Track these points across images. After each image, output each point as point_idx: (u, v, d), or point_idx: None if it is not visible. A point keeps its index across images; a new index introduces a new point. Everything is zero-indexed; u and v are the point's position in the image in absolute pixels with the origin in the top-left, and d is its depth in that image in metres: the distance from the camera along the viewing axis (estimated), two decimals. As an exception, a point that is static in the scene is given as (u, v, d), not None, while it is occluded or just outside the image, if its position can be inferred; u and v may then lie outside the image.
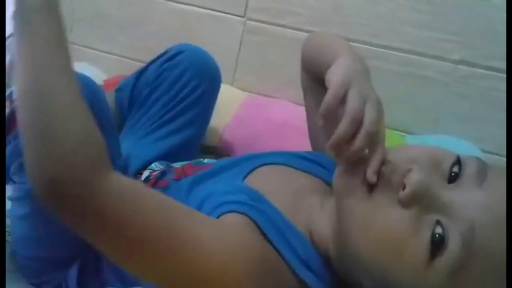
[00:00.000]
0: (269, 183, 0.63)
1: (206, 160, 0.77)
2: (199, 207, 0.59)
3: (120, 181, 0.46)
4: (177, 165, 0.77)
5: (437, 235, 0.45)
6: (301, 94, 1.19)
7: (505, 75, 1.06)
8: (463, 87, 1.10)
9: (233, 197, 0.59)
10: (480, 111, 1.10)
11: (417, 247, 0.45)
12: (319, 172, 0.68)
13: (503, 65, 1.06)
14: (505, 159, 1.08)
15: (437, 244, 0.44)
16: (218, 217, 0.56)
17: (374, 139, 0.51)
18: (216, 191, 0.60)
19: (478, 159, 0.49)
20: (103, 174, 0.45)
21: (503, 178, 0.47)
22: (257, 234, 0.54)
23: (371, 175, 0.49)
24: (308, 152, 0.74)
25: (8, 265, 0.74)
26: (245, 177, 0.65)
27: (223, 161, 0.74)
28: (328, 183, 0.65)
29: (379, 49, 1.14)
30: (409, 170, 0.48)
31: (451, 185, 0.48)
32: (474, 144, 1.05)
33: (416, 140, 1.07)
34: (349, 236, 0.51)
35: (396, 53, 1.13)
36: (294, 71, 1.20)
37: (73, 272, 0.70)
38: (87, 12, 1.36)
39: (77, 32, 1.39)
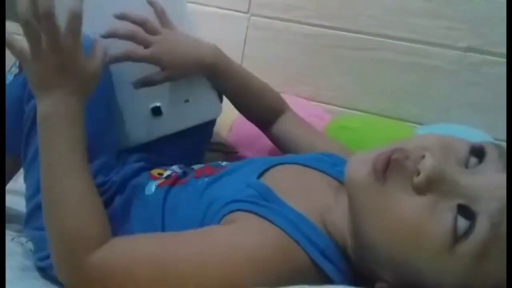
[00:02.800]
0: (283, 180, 0.63)
1: (224, 163, 0.77)
2: (209, 206, 0.61)
3: (101, 262, 0.54)
4: (197, 167, 0.79)
5: (459, 219, 0.44)
6: (309, 88, 1.19)
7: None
8: (473, 75, 1.08)
9: (241, 196, 0.59)
10: (491, 99, 1.08)
11: (437, 233, 0.44)
12: (332, 170, 0.68)
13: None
14: (518, 147, 1.06)
15: (461, 228, 0.43)
16: (225, 215, 0.57)
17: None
18: (226, 192, 0.62)
19: (495, 144, 0.49)
20: (85, 264, 0.54)
21: None
22: (270, 227, 0.54)
23: (381, 161, 0.48)
24: (322, 153, 0.75)
25: (10, 262, 0.74)
26: (259, 175, 0.65)
27: (240, 162, 0.75)
28: (341, 181, 0.65)
29: (387, 40, 1.13)
30: (422, 157, 0.47)
31: (469, 170, 0.47)
32: (487, 132, 1.03)
33: (427, 130, 1.06)
34: (365, 227, 0.50)
35: (404, 43, 1.12)
36: (301, 66, 1.20)
37: None
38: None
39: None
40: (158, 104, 0.79)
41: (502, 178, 0.45)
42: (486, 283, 0.44)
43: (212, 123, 0.93)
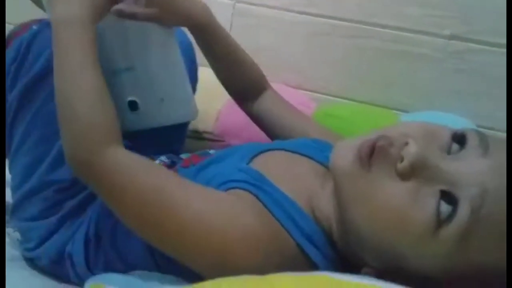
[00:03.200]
0: (272, 166, 0.63)
1: (212, 151, 0.78)
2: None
3: (116, 156, 0.58)
4: (184, 156, 0.79)
5: (442, 204, 0.45)
6: (295, 76, 1.19)
7: (499, 49, 1.06)
8: (457, 63, 1.09)
9: (235, 177, 0.60)
10: (475, 86, 1.10)
11: (421, 218, 0.45)
12: (319, 156, 0.68)
13: (497, 39, 1.05)
14: (500, 134, 1.08)
15: (443, 213, 0.45)
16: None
17: None
18: (219, 173, 0.62)
19: (476, 130, 0.49)
20: (100, 157, 0.57)
21: (503, 148, 0.47)
22: (259, 206, 0.55)
23: (366, 148, 0.49)
24: (309, 139, 0.75)
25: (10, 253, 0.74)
26: (249, 161, 0.66)
27: (228, 148, 0.75)
28: (328, 167, 0.65)
29: (374, 28, 1.14)
30: (406, 144, 0.48)
31: (451, 156, 0.48)
32: (470, 119, 1.05)
33: (410, 118, 1.07)
34: (350, 214, 0.51)
35: (390, 31, 1.12)
36: (287, 54, 1.20)
37: (80, 235, 0.70)
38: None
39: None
40: (134, 99, 0.79)
41: (482, 163, 0.46)
42: (467, 266, 0.45)
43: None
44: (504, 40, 1.04)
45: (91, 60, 0.63)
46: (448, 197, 0.45)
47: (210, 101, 0.90)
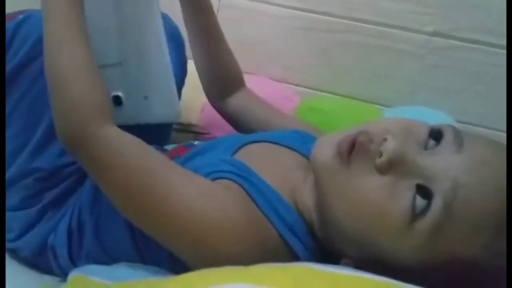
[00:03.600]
0: (255, 157, 0.64)
1: (196, 142, 0.78)
2: None
3: (110, 133, 0.58)
4: (170, 147, 0.79)
5: (418, 198, 0.46)
6: (279, 70, 1.20)
7: (480, 47, 1.08)
8: (438, 59, 1.11)
9: (221, 167, 0.60)
10: (456, 82, 1.12)
11: (397, 211, 0.47)
12: (302, 147, 0.69)
13: (477, 36, 1.07)
14: (481, 129, 1.11)
15: (419, 207, 0.46)
16: None
17: None
18: (205, 164, 0.62)
19: (452, 126, 0.51)
20: (92, 130, 0.57)
21: (478, 142, 0.49)
22: (244, 196, 0.56)
23: (346, 143, 0.50)
24: (293, 130, 0.76)
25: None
26: (233, 153, 0.66)
27: (212, 141, 0.75)
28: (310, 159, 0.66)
29: (355, 22, 1.15)
30: (385, 140, 0.50)
31: (428, 151, 0.49)
32: (450, 115, 1.07)
33: (392, 113, 1.09)
34: (330, 207, 0.52)
35: (371, 26, 1.14)
36: (272, 47, 1.21)
37: (63, 227, 0.70)
38: None
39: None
40: (119, 94, 0.78)
41: (456, 159, 0.47)
42: (441, 258, 0.46)
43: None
44: (485, 37, 1.07)
45: (82, 32, 0.63)
46: (423, 191, 0.46)
47: (196, 93, 0.90)
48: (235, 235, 0.51)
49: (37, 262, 0.73)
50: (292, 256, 0.54)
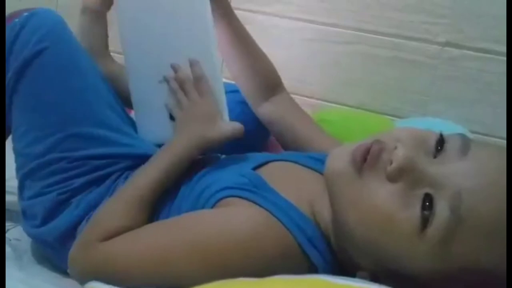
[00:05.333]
0: (276, 173, 0.66)
1: (222, 156, 0.78)
2: (201, 193, 0.64)
3: (105, 249, 0.60)
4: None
5: (426, 206, 0.46)
6: (289, 82, 1.19)
7: (493, 56, 1.07)
8: (450, 70, 1.10)
9: (233, 183, 0.61)
10: (468, 93, 1.11)
11: (408, 220, 0.47)
12: (322, 168, 0.70)
13: (490, 46, 1.07)
14: (495, 139, 1.09)
15: (427, 215, 0.46)
16: (216, 202, 0.60)
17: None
18: (218, 179, 0.64)
19: (461, 134, 0.51)
20: (87, 253, 0.60)
21: (484, 149, 0.49)
22: (259, 212, 0.56)
23: (360, 151, 0.51)
24: (316, 154, 0.76)
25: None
26: (254, 168, 0.67)
27: (236, 155, 0.76)
28: None
29: (367, 34, 1.15)
30: (395, 148, 0.50)
31: (436, 159, 0.50)
32: (463, 125, 1.06)
33: (405, 124, 1.08)
34: (343, 217, 0.52)
35: (383, 38, 1.13)
36: (281, 59, 1.20)
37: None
38: (71, 5, 1.34)
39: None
40: None
41: (459, 165, 0.48)
42: (455, 266, 0.46)
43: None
44: (498, 47, 1.06)
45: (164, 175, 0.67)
46: (431, 199, 0.47)
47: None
48: (256, 247, 0.53)
49: (60, 250, 0.73)
50: (311, 268, 0.54)
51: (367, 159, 0.51)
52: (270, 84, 0.86)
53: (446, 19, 1.08)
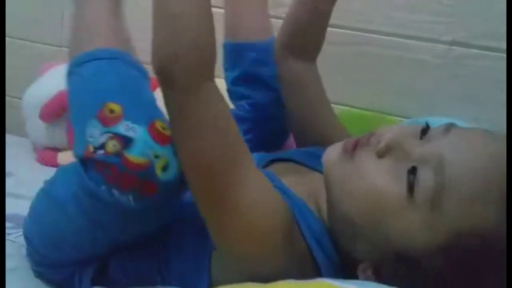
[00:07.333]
0: (282, 173, 0.67)
1: None
2: None
3: (212, 94, 0.56)
4: None
5: (412, 173, 0.50)
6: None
7: (500, 54, 1.06)
8: (457, 69, 1.10)
9: None
10: (477, 92, 1.10)
11: (396, 189, 0.51)
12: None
13: (497, 44, 1.06)
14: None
15: (413, 179, 0.50)
16: None
17: None
18: None
19: (449, 121, 0.55)
20: (203, 79, 0.56)
21: (468, 128, 0.55)
22: (284, 205, 0.58)
23: (351, 142, 0.56)
24: (314, 149, 0.78)
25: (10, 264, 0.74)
26: (263, 167, 0.70)
27: None
28: None
29: (372, 35, 1.14)
30: (384, 134, 0.55)
31: (421, 141, 0.54)
32: (471, 125, 1.05)
33: (412, 124, 1.07)
34: (338, 200, 0.56)
35: (389, 38, 1.13)
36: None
37: (89, 269, 0.70)
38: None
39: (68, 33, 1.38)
40: None
41: (443, 140, 0.52)
42: (446, 233, 0.48)
43: None
44: (504, 45, 1.05)
45: None
46: (416, 169, 0.51)
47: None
48: (271, 239, 0.54)
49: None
50: (315, 268, 0.56)
51: (357, 146, 0.56)
52: (311, 47, 0.87)
53: (452, 17, 1.07)
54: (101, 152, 0.59)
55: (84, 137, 0.61)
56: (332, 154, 0.58)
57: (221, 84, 0.89)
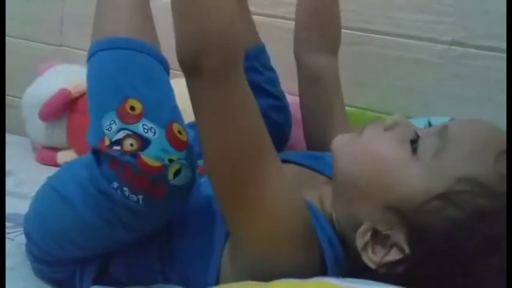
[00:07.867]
0: (289, 175, 0.66)
1: None
2: None
3: (239, 80, 0.54)
4: (201, 163, 0.80)
5: (415, 143, 0.55)
6: (296, 84, 1.19)
7: (500, 54, 1.06)
8: (457, 68, 1.10)
9: None
10: (477, 92, 1.10)
11: (402, 151, 0.55)
12: (327, 169, 0.71)
13: (496, 44, 1.06)
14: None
15: (415, 139, 0.55)
16: None
17: None
18: None
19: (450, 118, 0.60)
20: (235, 68, 0.53)
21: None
22: (303, 206, 0.59)
23: (359, 129, 0.61)
24: (318, 153, 0.80)
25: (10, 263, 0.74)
26: None
27: None
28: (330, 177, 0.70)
29: (372, 34, 1.14)
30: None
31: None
32: (471, 124, 1.05)
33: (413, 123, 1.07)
34: (343, 167, 0.60)
35: (388, 37, 1.13)
36: (287, 61, 1.20)
37: (91, 268, 0.70)
38: (78, 12, 1.35)
39: (68, 34, 1.39)
40: None
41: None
42: (450, 179, 0.51)
43: None
44: (504, 45, 1.05)
45: None
46: (418, 133, 0.56)
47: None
48: (290, 238, 0.55)
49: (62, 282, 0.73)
50: (322, 268, 0.56)
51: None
52: (331, 40, 0.89)
53: (452, 17, 1.07)
54: (117, 148, 0.59)
55: (101, 128, 0.61)
56: (341, 138, 0.62)
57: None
